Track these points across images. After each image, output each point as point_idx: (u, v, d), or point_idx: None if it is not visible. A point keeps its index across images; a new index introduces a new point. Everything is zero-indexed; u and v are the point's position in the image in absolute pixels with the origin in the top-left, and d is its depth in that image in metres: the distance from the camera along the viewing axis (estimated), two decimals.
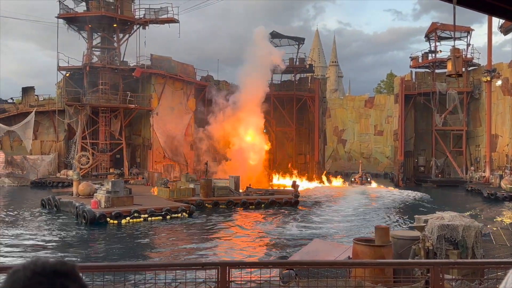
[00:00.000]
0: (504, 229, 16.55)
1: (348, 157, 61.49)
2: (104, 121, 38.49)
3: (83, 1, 40.47)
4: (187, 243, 17.40)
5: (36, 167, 38.56)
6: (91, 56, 40.29)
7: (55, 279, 1.10)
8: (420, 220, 9.87)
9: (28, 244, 17.02)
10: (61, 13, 39.28)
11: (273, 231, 20.04)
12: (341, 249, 10.25)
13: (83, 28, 40.35)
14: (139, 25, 40.62)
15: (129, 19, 40.24)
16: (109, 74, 38.83)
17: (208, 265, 5.29)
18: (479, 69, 43.52)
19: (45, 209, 24.68)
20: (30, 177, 37.65)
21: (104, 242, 18.02)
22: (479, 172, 40.66)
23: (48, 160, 39.23)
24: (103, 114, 38.44)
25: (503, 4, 6.14)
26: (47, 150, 40.40)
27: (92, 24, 39.53)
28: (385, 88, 74.35)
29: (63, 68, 39.51)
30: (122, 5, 40.31)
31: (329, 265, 7.20)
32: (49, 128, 40.55)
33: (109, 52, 40.63)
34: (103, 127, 38.53)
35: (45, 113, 40.30)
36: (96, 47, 41.35)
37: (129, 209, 21.31)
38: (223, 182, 28.54)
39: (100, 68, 38.47)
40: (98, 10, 38.85)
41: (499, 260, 9.24)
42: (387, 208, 28.06)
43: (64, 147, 39.85)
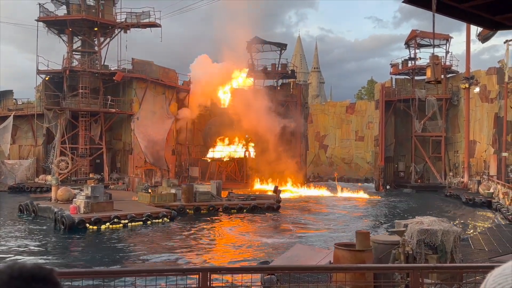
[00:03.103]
0: (482, 233, 16.81)
1: (330, 162, 61.81)
2: (84, 125, 38.14)
3: (64, 4, 40.13)
4: (168, 249, 17.27)
5: (14, 172, 38.04)
6: (71, 59, 39.91)
7: (32, 283, 1.08)
8: (400, 225, 9.96)
9: (5, 249, 16.71)
10: (41, 16, 38.85)
11: (254, 237, 20.03)
12: (322, 254, 10.29)
13: (64, 31, 40.00)
14: (120, 29, 40.41)
15: (110, 22, 39.99)
16: (90, 78, 38.55)
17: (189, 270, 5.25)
18: (458, 76, 44.26)
19: (23, 214, 24.31)
20: (7, 182, 37.14)
21: (83, 248, 17.81)
22: (457, 178, 41.26)
23: (27, 165, 38.72)
24: (83, 118, 38.08)
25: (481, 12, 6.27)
26: (26, 154, 39.89)
27: (73, 28, 39.21)
28: (366, 94, 75.09)
29: (43, 72, 39.08)
30: (103, 9, 40.07)
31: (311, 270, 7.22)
32: (28, 133, 40.06)
33: (89, 55, 40.30)
34: (83, 131, 38.16)
35: (24, 117, 39.84)
36: (76, 51, 41.01)
37: (109, 215, 21.10)
38: (204, 187, 28.46)
39: (80, 72, 38.12)
40: (79, 13, 38.57)
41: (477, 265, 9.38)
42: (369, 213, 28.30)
43: (43, 152, 39.37)
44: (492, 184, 32.73)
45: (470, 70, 40.46)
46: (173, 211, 23.58)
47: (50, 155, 38.72)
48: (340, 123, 61.39)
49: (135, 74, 39.00)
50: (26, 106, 41.04)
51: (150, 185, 31.90)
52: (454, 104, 44.68)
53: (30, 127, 39.79)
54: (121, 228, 20.85)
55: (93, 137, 38.87)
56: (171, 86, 42.32)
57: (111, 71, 39.03)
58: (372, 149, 51.96)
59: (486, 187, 32.37)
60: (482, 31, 10.66)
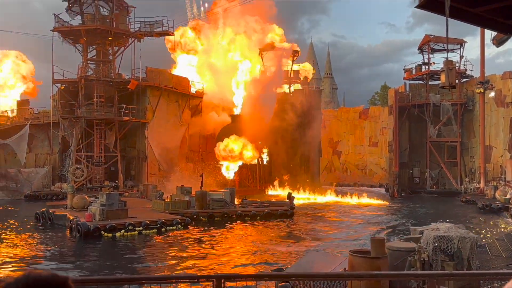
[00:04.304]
0: (499, 240, 16.55)
1: (343, 169, 61.55)
2: (98, 133, 38.45)
3: (78, 15, 40.62)
4: (182, 256, 17.27)
5: (30, 180, 38.35)
6: (86, 69, 40.36)
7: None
8: (415, 232, 9.87)
9: (21, 257, 16.86)
10: (57, 26, 39.40)
11: (268, 244, 19.95)
12: (336, 261, 10.22)
13: (78, 41, 40.48)
14: (134, 38, 40.80)
15: (124, 32, 40.42)
16: (104, 86, 38.89)
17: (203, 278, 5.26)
18: (472, 80, 43.84)
19: (39, 222, 24.49)
20: (24, 190, 37.39)
21: (98, 255, 17.88)
22: (473, 183, 40.77)
23: (43, 173, 39.05)
24: (98, 126, 38.40)
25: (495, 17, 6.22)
26: (42, 163, 40.25)
27: (87, 37, 39.67)
28: (379, 100, 74.71)
29: (58, 81, 39.54)
30: (118, 19, 40.51)
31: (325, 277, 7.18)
32: (44, 141, 40.45)
33: (104, 65, 40.71)
34: (97, 139, 38.47)
35: (40, 126, 40.24)
36: (91, 60, 41.46)
37: (124, 222, 21.17)
38: (218, 195, 28.46)
39: (95, 80, 38.51)
40: (93, 23, 39.03)
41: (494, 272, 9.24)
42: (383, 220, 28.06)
43: (59, 160, 39.68)
44: (509, 189, 32.27)
45: (485, 74, 40.08)
46: (187, 218, 23.56)
47: (65, 163, 39.02)
48: (354, 129, 61.16)
49: (148, 83, 39.27)
50: (42, 115, 41.46)
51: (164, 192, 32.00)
52: (469, 109, 44.24)
53: (46, 135, 40.17)
54: (136, 235, 20.91)
55: (107, 145, 39.15)
56: (184, 94, 42.54)
57: (125, 80, 39.36)
58: (386, 155, 51.64)
59: (502, 193, 31.92)
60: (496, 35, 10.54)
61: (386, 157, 52.23)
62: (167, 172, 39.70)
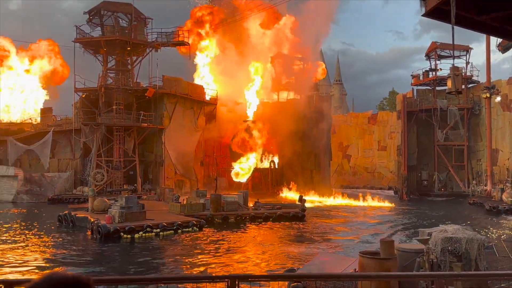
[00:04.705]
0: (506, 241, 16.33)
1: (353, 172, 61.25)
2: (118, 139, 38.74)
3: (99, 26, 41.08)
4: (197, 257, 17.29)
5: (53, 184, 38.72)
6: (106, 77, 40.77)
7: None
8: (424, 233, 9.77)
9: (45, 258, 17.02)
10: (78, 38, 39.87)
11: (280, 245, 19.90)
12: (347, 262, 10.15)
13: (99, 51, 40.91)
14: (151, 48, 41.11)
15: (142, 42, 40.76)
16: (123, 94, 39.21)
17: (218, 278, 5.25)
18: (479, 86, 43.40)
19: (61, 224, 24.71)
20: (47, 193, 37.74)
21: (117, 256, 17.97)
22: (480, 186, 40.27)
23: (65, 177, 39.41)
24: (117, 132, 38.70)
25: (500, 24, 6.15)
26: (64, 167, 40.62)
27: (107, 48, 40.08)
28: (387, 105, 74.27)
29: (80, 90, 39.99)
30: (136, 30, 40.88)
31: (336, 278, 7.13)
32: (66, 147, 40.83)
33: (123, 74, 41.07)
34: (117, 145, 38.76)
35: (62, 133, 40.65)
36: (110, 69, 41.86)
37: (142, 224, 21.27)
38: (232, 197, 28.47)
39: (115, 89, 38.86)
40: (113, 34, 39.44)
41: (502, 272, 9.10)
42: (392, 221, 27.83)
43: (80, 165, 40.03)
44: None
45: (490, 80, 39.66)
46: (202, 220, 23.60)
47: (87, 168, 39.35)
48: (363, 133, 60.88)
49: (165, 90, 39.51)
50: (64, 122, 41.91)
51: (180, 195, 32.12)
52: (475, 114, 43.79)
53: (68, 141, 40.56)
54: (153, 236, 20.99)
55: (126, 150, 39.42)
56: (199, 101, 42.73)
57: (143, 88, 39.65)
58: (395, 158, 51.27)
59: (509, 195, 31.50)
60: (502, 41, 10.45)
61: (394, 161, 51.86)
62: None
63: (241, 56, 46.43)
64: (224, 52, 47.12)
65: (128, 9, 40.26)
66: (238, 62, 46.25)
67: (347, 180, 60.04)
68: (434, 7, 5.63)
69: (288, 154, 44.48)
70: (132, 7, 40.13)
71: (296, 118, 43.62)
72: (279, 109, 45.57)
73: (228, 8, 47.78)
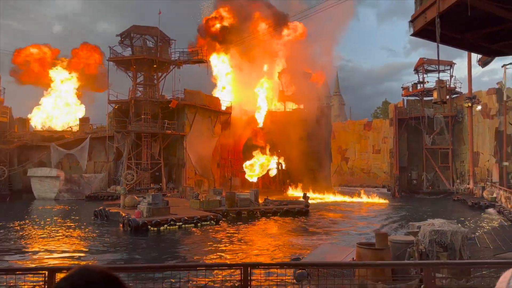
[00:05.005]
0: (487, 233, 16.11)
1: (351, 172, 60.88)
2: (146, 144, 38.94)
3: (129, 47, 41.43)
4: (214, 247, 17.31)
5: (90, 184, 39.02)
6: (136, 91, 41.04)
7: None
8: (414, 227, 9.67)
9: (83, 248, 17.15)
10: (111, 57, 40.25)
11: (287, 237, 19.84)
12: (346, 252, 10.08)
13: (129, 68, 41.23)
14: (174, 66, 41.35)
15: (166, 60, 41.00)
16: (150, 106, 39.45)
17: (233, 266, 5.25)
18: (461, 96, 43.00)
19: (97, 219, 24.90)
20: (85, 192, 38.04)
21: (146, 246, 18.06)
22: (464, 185, 39.82)
23: (100, 178, 39.69)
24: (145, 139, 38.92)
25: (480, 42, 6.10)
26: (99, 169, 40.91)
27: (136, 65, 40.39)
28: (381, 113, 73.79)
29: (113, 102, 40.30)
30: (161, 50, 41.16)
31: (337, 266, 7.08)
32: (101, 151, 41.13)
33: (150, 88, 41.35)
34: (145, 149, 38.96)
35: (98, 139, 40.95)
36: (139, 84, 42.16)
37: (166, 218, 21.36)
38: (245, 195, 28.47)
39: (143, 101, 39.12)
40: (141, 54, 39.74)
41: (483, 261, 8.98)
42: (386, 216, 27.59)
43: (113, 167, 40.31)
44: (495, 189, 31.41)
45: (472, 91, 39.29)
46: (218, 215, 23.64)
47: (119, 169, 39.60)
48: (359, 138, 60.53)
49: (186, 102, 39.69)
50: (100, 130, 42.25)
51: (199, 193, 32.17)
52: (459, 121, 43.35)
53: (103, 147, 40.85)
54: (176, 229, 21.06)
55: (153, 154, 39.60)
56: (216, 111, 42.84)
57: (167, 100, 39.85)
58: (388, 160, 50.86)
59: (489, 193, 31.11)
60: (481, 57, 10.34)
61: (387, 162, 51.46)
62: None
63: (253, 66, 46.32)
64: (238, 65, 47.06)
65: (154, 32, 40.57)
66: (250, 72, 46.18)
67: (345, 179, 59.70)
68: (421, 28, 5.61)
69: (294, 157, 44.36)
70: (158, 30, 40.43)
71: (300, 125, 43.57)
72: (286, 118, 45.53)
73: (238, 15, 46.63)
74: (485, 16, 4.96)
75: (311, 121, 45.42)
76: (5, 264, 14.15)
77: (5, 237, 19.21)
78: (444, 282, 7.05)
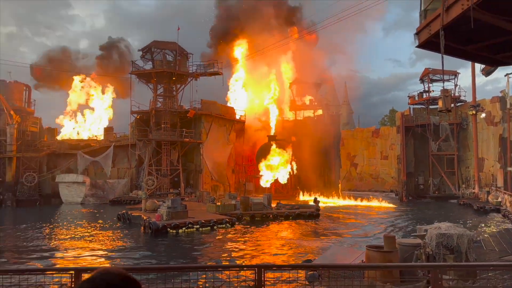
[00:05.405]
0: (492, 236, 15.75)
1: (360, 178, 60.31)
2: (165, 152, 39.19)
3: (150, 61, 41.93)
4: (230, 249, 17.28)
5: (114, 189, 39.34)
6: (156, 102, 41.42)
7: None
8: (421, 230, 9.52)
9: (107, 249, 17.28)
10: (133, 70, 40.78)
11: (299, 239, 19.69)
12: (356, 254, 9.96)
13: (150, 81, 41.68)
14: (192, 78, 41.67)
15: (184, 73, 41.35)
16: (169, 115, 39.76)
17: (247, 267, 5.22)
18: (466, 104, 42.35)
19: (120, 222, 25.08)
20: (109, 196, 38.38)
21: (165, 248, 18.12)
22: (469, 189, 39.06)
23: (123, 183, 40.00)
24: (165, 146, 39.18)
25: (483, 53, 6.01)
26: (122, 175, 41.26)
27: (157, 78, 40.82)
28: (388, 121, 73.08)
29: (135, 112, 40.73)
30: (180, 63, 41.55)
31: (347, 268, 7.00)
32: (124, 158, 41.51)
33: (169, 99, 41.70)
34: (164, 156, 39.21)
35: (121, 147, 41.33)
36: (159, 95, 42.55)
37: (185, 221, 21.41)
38: (258, 199, 28.39)
39: (163, 111, 39.46)
40: (161, 67, 40.18)
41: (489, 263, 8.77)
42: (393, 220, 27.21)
43: (135, 173, 40.63)
44: (499, 194, 30.74)
45: (476, 99, 38.71)
46: (233, 218, 23.60)
47: (140, 175, 39.88)
48: (367, 145, 60.01)
49: (203, 112, 39.90)
50: (123, 138, 42.66)
51: (215, 197, 32.17)
52: (463, 128, 42.67)
53: (125, 154, 41.22)
54: (194, 232, 21.08)
55: (172, 161, 39.82)
56: (230, 120, 42.97)
57: (186, 110, 40.11)
58: (395, 166, 50.24)
59: (494, 197, 30.45)
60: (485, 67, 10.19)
61: (395, 168, 50.83)
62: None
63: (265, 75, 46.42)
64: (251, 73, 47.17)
65: (173, 47, 41.00)
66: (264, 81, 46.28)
67: (354, 184, 59.13)
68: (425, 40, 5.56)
69: (305, 163, 44.14)
70: (177, 45, 40.86)
71: (311, 133, 43.39)
72: (297, 126, 45.40)
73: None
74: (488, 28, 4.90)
75: (321, 129, 45.20)
76: (35, 264, 14.34)
77: (35, 239, 19.49)
78: (451, 283, 6.90)
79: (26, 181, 38.64)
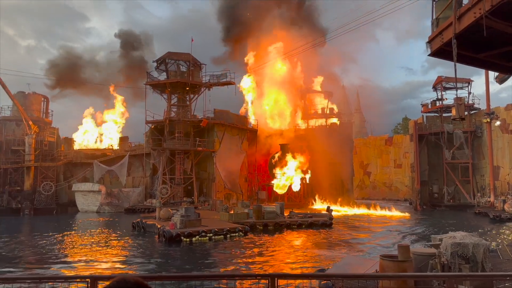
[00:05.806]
0: (509, 245, 15.35)
1: (373, 186, 59.65)
2: (179, 161, 39.43)
3: (164, 72, 42.44)
4: (243, 257, 17.20)
5: (129, 197, 39.63)
6: (170, 112, 41.81)
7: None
8: (435, 239, 9.36)
9: (122, 257, 17.37)
10: (148, 81, 41.31)
11: (312, 248, 19.51)
12: (369, 263, 9.83)
13: (164, 91, 42.13)
14: (205, 88, 42.00)
15: (197, 83, 41.72)
16: (183, 125, 40.07)
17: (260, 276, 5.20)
18: (480, 112, 41.69)
19: (135, 230, 25.21)
20: (124, 205, 38.66)
21: (179, 256, 18.13)
22: (485, 198, 38.26)
23: (138, 192, 40.29)
24: (178, 155, 39.44)
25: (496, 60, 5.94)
26: (137, 184, 41.59)
27: (171, 88, 41.25)
28: (401, 129, 72.35)
29: (149, 122, 41.16)
30: (193, 74, 41.96)
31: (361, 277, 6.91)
32: (139, 167, 41.90)
33: (183, 108, 42.06)
34: (178, 165, 39.44)
35: (136, 156, 41.78)
36: (173, 105, 42.94)
37: (198, 230, 21.42)
38: (271, 208, 28.28)
39: (176, 121, 39.79)
40: (175, 78, 40.63)
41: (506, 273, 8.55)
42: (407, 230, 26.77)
43: (150, 182, 40.93)
44: None
45: (490, 107, 38.08)
46: (246, 227, 23.50)
47: (155, 184, 40.15)
48: (380, 153, 59.44)
49: (216, 121, 40.12)
50: (138, 148, 43.11)
51: (228, 206, 32.13)
52: (478, 136, 41.93)
53: (140, 163, 41.62)
54: (207, 240, 21.07)
55: (186, 169, 40.02)
56: (243, 129, 43.08)
57: (199, 119, 40.40)
58: (409, 174, 49.56)
59: (510, 205, 29.77)
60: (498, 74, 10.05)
61: (409, 176, 50.14)
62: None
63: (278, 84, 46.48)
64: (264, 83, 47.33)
65: (187, 58, 41.45)
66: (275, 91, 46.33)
67: (367, 193, 58.49)
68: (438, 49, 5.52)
69: (317, 171, 43.88)
70: (190, 56, 41.30)
71: (323, 141, 43.18)
72: (310, 134, 45.25)
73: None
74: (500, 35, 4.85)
75: (333, 137, 44.93)
76: (51, 272, 14.49)
77: (51, 246, 19.72)
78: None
79: (44, 190, 39.23)
